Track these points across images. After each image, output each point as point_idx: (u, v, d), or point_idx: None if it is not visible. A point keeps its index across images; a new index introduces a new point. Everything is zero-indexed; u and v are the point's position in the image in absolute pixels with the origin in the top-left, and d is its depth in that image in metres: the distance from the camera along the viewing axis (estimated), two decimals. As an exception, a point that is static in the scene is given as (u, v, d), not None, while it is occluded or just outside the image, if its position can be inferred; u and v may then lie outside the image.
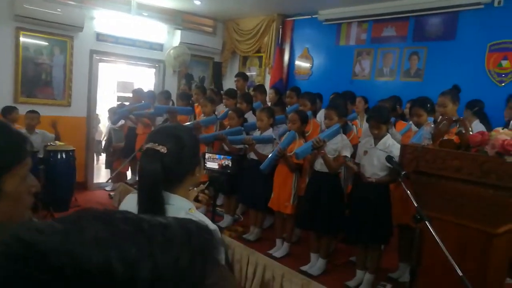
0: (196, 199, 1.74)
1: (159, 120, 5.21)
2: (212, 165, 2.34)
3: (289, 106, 4.85)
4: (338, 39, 6.00)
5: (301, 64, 6.55)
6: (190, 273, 0.39)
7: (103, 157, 7.24)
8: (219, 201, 5.17)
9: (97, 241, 0.37)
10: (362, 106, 4.89)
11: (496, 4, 4.42)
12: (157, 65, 6.98)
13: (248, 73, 7.20)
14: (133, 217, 0.41)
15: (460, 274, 1.96)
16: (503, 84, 4.37)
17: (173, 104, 5.71)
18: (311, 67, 6.39)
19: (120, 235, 0.38)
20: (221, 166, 2.31)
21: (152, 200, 1.21)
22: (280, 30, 6.65)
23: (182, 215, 1.23)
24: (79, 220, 0.39)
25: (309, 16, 6.30)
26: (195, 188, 1.77)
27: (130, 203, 1.31)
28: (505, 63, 4.36)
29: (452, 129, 2.79)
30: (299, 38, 6.58)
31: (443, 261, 2.10)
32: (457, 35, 4.78)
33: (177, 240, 0.40)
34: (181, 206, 1.25)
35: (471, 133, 2.49)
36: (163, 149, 1.23)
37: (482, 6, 4.49)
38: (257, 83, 6.80)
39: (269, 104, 5.23)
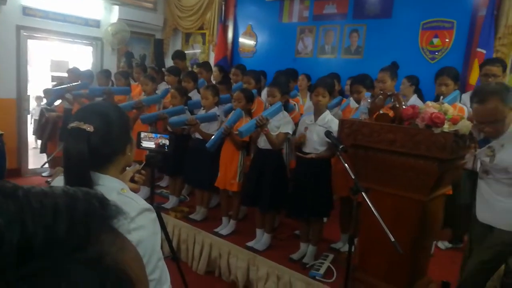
0: (132, 180, 1.69)
1: (98, 100, 4.97)
2: (148, 144, 2.27)
3: (234, 84, 4.81)
4: (281, 16, 5.99)
5: (245, 41, 6.49)
6: (67, 240, 0.36)
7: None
8: (164, 183, 5.10)
9: None
10: (305, 84, 4.97)
11: (429, -17, 4.60)
12: (94, 43, 6.60)
13: (191, 51, 7.04)
14: (8, 185, 0.38)
15: (392, 239, 2.07)
16: (434, 61, 4.61)
17: (112, 83, 5.45)
18: (255, 45, 6.36)
19: None
20: (158, 145, 2.24)
21: (79, 182, 1.15)
22: (223, 6, 6.52)
23: (114, 195, 1.18)
24: None
25: (252, -8, 6.22)
26: (129, 168, 1.70)
27: (58, 185, 1.23)
28: (436, 41, 4.59)
29: (388, 104, 2.90)
30: (242, 14, 6.50)
31: (379, 229, 2.20)
32: (393, 13, 4.94)
33: (55, 207, 0.37)
34: (112, 187, 1.20)
35: (404, 107, 2.60)
36: (89, 128, 1.16)
37: (415, -15, 4.66)
38: (201, 61, 6.66)
39: (213, 82, 5.15)
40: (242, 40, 6.52)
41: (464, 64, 4.39)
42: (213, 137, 3.58)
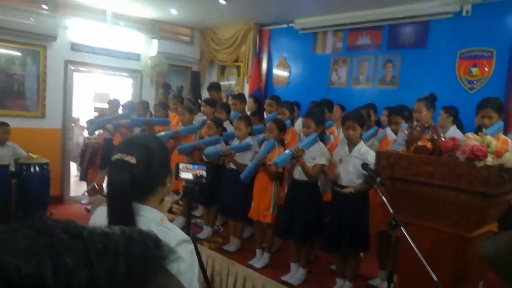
0: (170, 211, 1.72)
1: (137, 131, 5.15)
2: (186, 175, 2.31)
3: (267, 115, 4.87)
4: (315, 48, 6.07)
5: (279, 72, 6.59)
6: (127, 281, 0.38)
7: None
8: (198, 212, 5.13)
9: (29, 251, 0.36)
10: (339, 114, 4.95)
11: (464, 13, 4.56)
12: (134, 75, 6.91)
13: (226, 82, 7.22)
14: (74, 226, 0.41)
15: (435, 279, 1.98)
16: (473, 91, 4.49)
17: (151, 114, 5.65)
18: (289, 76, 6.44)
19: (56, 244, 0.37)
20: (195, 176, 2.29)
21: (121, 212, 1.19)
22: (258, 39, 6.69)
23: (153, 226, 1.21)
24: (16, 230, 0.39)
25: (286, 25, 6.37)
26: (167, 199, 1.74)
27: (100, 216, 1.28)
28: (474, 70, 4.50)
29: (426, 135, 2.84)
30: (276, 47, 6.63)
31: (419, 266, 2.12)
32: (428, 43, 4.90)
33: (116, 248, 0.40)
34: (152, 217, 1.23)
35: (443, 139, 2.54)
36: (131, 160, 1.21)
37: (451, 15, 4.63)
38: (236, 92, 6.80)
39: (248, 113, 5.23)
40: (276, 71, 6.63)
41: (506, 94, 4.26)
42: (247, 168, 3.61)
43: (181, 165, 2.31)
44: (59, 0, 5.83)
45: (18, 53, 5.54)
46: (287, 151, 3.38)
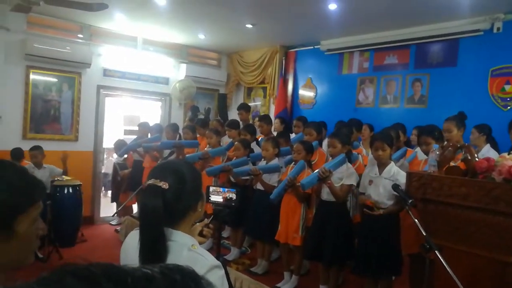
0: (201, 234, 1.73)
1: (166, 153, 5.25)
2: (216, 198, 2.33)
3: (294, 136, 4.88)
4: (341, 68, 6.08)
5: (305, 93, 6.62)
6: None
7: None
8: (225, 234, 5.13)
9: None
10: (368, 134, 4.89)
11: (495, 30, 4.48)
12: (163, 98, 7.10)
13: (252, 103, 7.29)
14: (115, 271, 0.41)
15: (473, 306, 1.89)
16: (507, 108, 4.36)
17: (180, 137, 5.75)
18: (315, 96, 6.45)
19: None
20: (225, 199, 2.30)
21: (154, 237, 1.20)
22: (283, 61, 6.76)
23: (185, 251, 1.21)
24: (61, 281, 0.39)
25: (311, 47, 6.42)
26: (198, 223, 1.75)
27: (132, 242, 1.30)
28: (508, 87, 4.37)
29: (458, 155, 2.77)
30: (302, 68, 6.68)
31: (455, 291, 2.03)
32: (458, 61, 4.82)
33: None
34: (183, 242, 1.24)
35: (477, 159, 2.47)
36: (164, 185, 1.23)
37: (481, 33, 4.55)
38: (262, 113, 6.86)
39: (274, 133, 5.26)
40: (302, 92, 6.66)
41: (542, 111, 4.11)
42: (276, 188, 3.60)
43: (211, 188, 2.34)
44: (93, 29, 6.11)
45: (55, 80, 5.80)
46: (314, 172, 3.36)
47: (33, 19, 5.54)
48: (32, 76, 5.58)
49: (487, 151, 3.71)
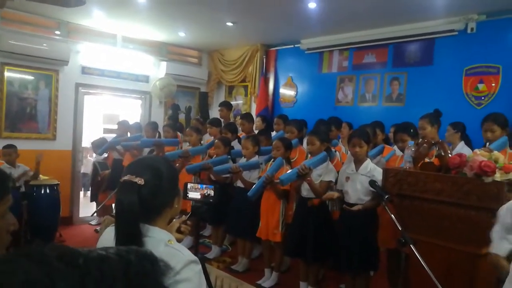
0: (179, 231, 1.73)
1: (146, 151, 5.20)
2: (194, 195, 2.33)
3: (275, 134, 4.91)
4: (321, 67, 6.14)
5: (286, 92, 6.66)
6: None
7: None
8: (207, 232, 5.13)
9: (28, 284, 0.37)
10: (347, 132, 4.95)
11: (469, 30, 4.60)
12: (143, 97, 7.03)
13: (234, 102, 7.30)
14: (69, 252, 0.42)
15: (446, 297, 1.95)
16: (481, 106, 4.49)
17: (159, 135, 5.71)
18: (296, 95, 6.50)
19: (52, 274, 0.38)
20: (203, 195, 2.30)
21: (129, 233, 1.20)
22: (264, 59, 6.79)
23: (161, 247, 1.21)
24: (12, 262, 0.39)
25: (292, 46, 6.46)
26: (176, 220, 1.75)
27: (108, 237, 1.29)
28: (481, 86, 4.50)
29: (433, 151, 2.84)
30: (282, 67, 6.72)
31: (430, 284, 2.09)
32: (434, 60, 4.93)
33: (113, 273, 0.40)
34: (160, 238, 1.24)
35: (450, 155, 2.54)
36: (140, 181, 1.23)
37: (456, 33, 4.67)
38: (244, 112, 6.87)
39: (256, 131, 5.28)
40: (282, 91, 6.70)
41: (514, 109, 4.25)
42: (254, 185, 3.62)
43: (189, 185, 2.34)
44: (71, 26, 5.99)
45: (31, 77, 5.67)
46: (294, 169, 3.39)
47: (7, 14, 5.40)
48: (6, 74, 5.44)
49: (461, 148, 3.80)
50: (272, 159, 3.81)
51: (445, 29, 4.74)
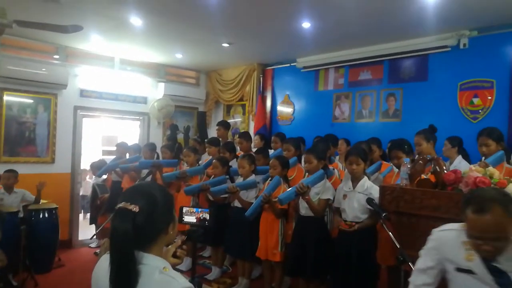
0: (175, 255, 1.72)
1: (145, 173, 5.20)
2: (189, 219, 2.33)
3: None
4: (317, 85, 6.20)
5: (283, 109, 6.70)
6: None
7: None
8: (207, 253, 5.09)
9: None
10: (345, 148, 4.97)
11: (461, 46, 4.66)
12: (141, 118, 7.07)
13: (232, 121, 7.34)
14: None
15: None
16: (477, 120, 4.51)
17: (158, 156, 5.72)
18: (293, 112, 6.54)
19: None
20: (199, 219, 2.30)
21: (123, 261, 1.19)
22: (261, 78, 6.86)
23: (156, 274, 1.21)
24: None
25: (288, 64, 6.54)
26: (171, 245, 1.75)
27: (104, 264, 1.29)
28: (476, 100, 4.54)
29: (429, 167, 2.84)
30: (279, 85, 6.78)
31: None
32: (429, 76, 4.98)
33: None
34: (155, 265, 1.23)
35: (445, 171, 2.54)
36: (135, 208, 1.23)
37: (449, 49, 4.73)
38: (242, 130, 6.90)
39: (255, 150, 5.28)
40: (280, 108, 6.75)
41: (509, 122, 4.27)
42: (252, 205, 3.61)
43: (184, 209, 2.33)
44: (69, 50, 6.08)
45: (30, 101, 5.72)
46: (292, 187, 3.39)
47: (6, 40, 5.48)
48: (5, 98, 5.49)
49: (458, 163, 3.81)
50: (270, 178, 3.81)
51: (438, 45, 4.81)
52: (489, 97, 4.48)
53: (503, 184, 2.18)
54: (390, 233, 2.46)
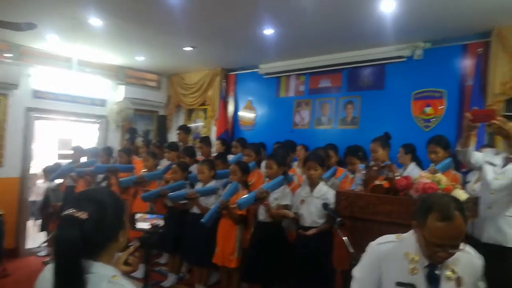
0: (127, 263, 1.67)
1: (100, 177, 5.04)
2: (142, 225, 2.27)
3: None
4: (279, 91, 6.26)
5: (245, 115, 6.71)
6: None
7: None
8: (163, 260, 4.98)
9: None
10: (304, 154, 5.02)
11: (416, 57, 4.85)
12: (99, 121, 6.85)
13: (193, 125, 7.26)
14: None
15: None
16: (429, 129, 4.70)
17: (115, 160, 5.56)
18: (255, 118, 6.57)
19: None
20: (152, 226, 2.25)
21: (68, 270, 1.14)
22: (224, 83, 6.84)
23: (104, 283, 1.17)
24: None
25: (251, 70, 6.56)
26: (123, 252, 1.69)
27: (48, 274, 1.22)
28: (428, 109, 4.73)
29: (383, 175, 2.92)
30: (242, 90, 6.79)
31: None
32: (385, 85, 5.15)
33: None
34: (103, 274, 1.19)
35: (398, 177, 2.62)
36: (83, 215, 1.17)
37: (404, 59, 4.91)
38: (203, 135, 6.85)
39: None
40: (242, 114, 6.75)
41: (457, 131, 4.48)
42: (209, 211, 3.57)
43: (137, 215, 2.27)
44: (23, 49, 5.81)
45: (-23, 101, 5.41)
46: (251, 193, 3.39)
47: (-48, 37, 5.18)
48: (-50, 98, 5.17)
49: (412, 169, 3.94)
50: (230, 184, 3.79)
51: (394, 56, 4.97)
52: (440, 107, 4.68)
53: (449, 189, 2.27)
54: (344, 238, 2.50)
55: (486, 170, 2.75)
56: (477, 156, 2.79)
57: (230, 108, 6.86)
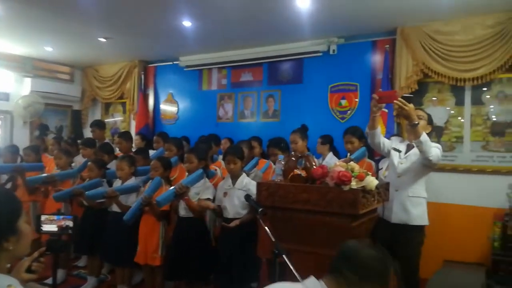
0: (29, 270, 1.54)
1: (5, 178, 4.58)
2: (49, 227, 2.11)
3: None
4: (201, 84, 6.19)
5: (167, 108, 6.54)
6: None
7: None
8: (82, 262, 4.70)
9: None
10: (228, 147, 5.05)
11: (331, 52, 5.09)
12: (2, 116, 6.22)
13: (111, 120, 6.91)
14: None
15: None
16: (344, 120, 4.98)
17: (21, 159, 5.08)
18: (177, 112, 6.43)
19: None
20: (60, 227, 2.09)
21: None
22: (143, 76, 6.59)
23: None
24: None
25: (171, 63, 6.41)
26: (26, 258, 1.56)
27: None
28: (344, 102, 5.01)
29: (301, 165, 3.02)
30: (162, 83, 6.61)
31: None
32: (303, 78, 5.34)
33: None
34: None
35: (315, 167, 2.73)
36: None
37: (320, 54, 5.13)
38: (122, 130, 6.55)
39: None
40: (163, 107, 6.58)
41: (370, 122, 4.79)
42: (130, 208, 3.42)
43: (43, 217, 2.09)
44: None
45: None
46: (171, 188, 3.31)
47: None
48: None
49: (330, 159, 4.13)
50: (151, 180, 3.66)
51: (311, 50, 5.18)
52: (355, 99, 4.97)
53: (361, 177, 2.42)
54: (266, 227, 2.55)
55: (392, 156, 2.99)
56: (384, 140, 3.01)
57: (151, 101, 6.64)
